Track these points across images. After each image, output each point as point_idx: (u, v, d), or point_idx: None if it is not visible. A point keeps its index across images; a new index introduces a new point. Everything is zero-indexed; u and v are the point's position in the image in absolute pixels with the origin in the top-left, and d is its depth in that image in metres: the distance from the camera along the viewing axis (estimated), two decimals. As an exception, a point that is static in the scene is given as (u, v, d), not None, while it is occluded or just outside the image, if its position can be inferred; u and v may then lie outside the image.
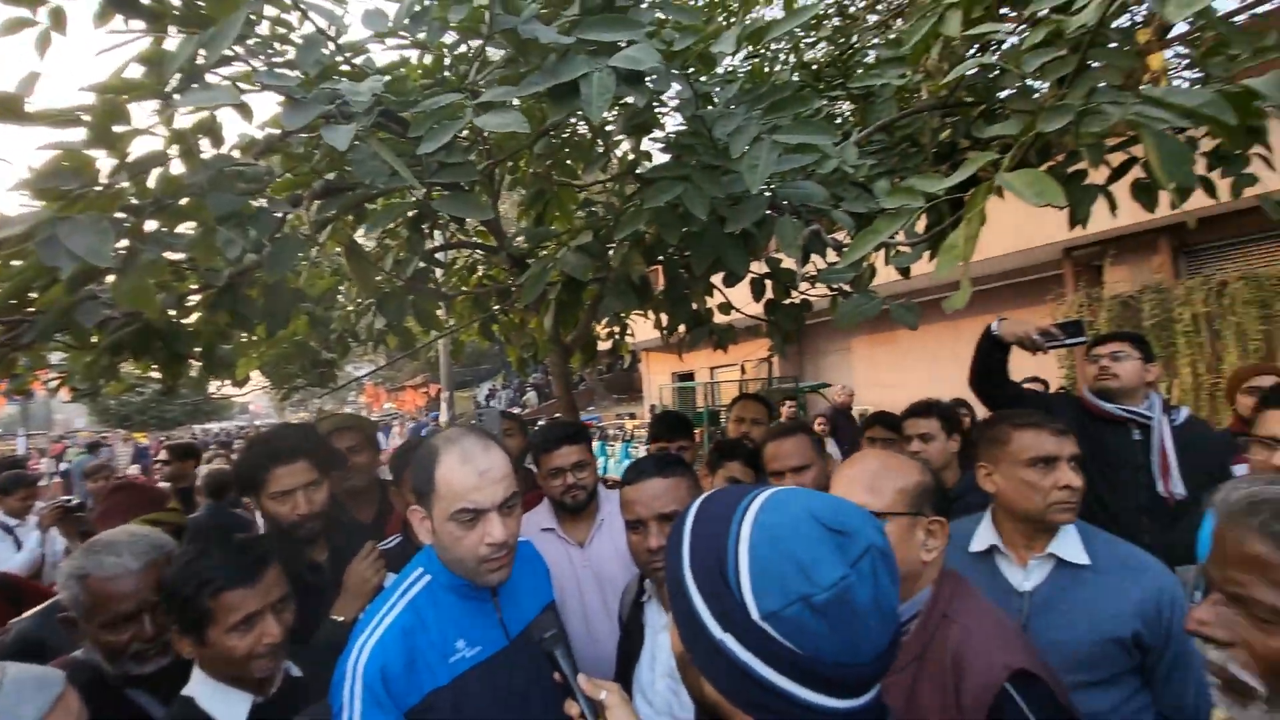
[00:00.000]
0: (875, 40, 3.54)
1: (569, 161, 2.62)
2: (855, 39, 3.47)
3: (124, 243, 1.18)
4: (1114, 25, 1.79)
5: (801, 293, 2.42)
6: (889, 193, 1.37)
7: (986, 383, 2.16)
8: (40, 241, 0.94)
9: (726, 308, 2.74)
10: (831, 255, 1.84)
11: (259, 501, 1.56)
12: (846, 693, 0.55)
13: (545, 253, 2.26)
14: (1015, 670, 0.92)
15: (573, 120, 2.61)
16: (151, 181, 1.18)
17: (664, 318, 2.76)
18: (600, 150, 2.06)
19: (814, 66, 2.83)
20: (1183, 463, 2.00)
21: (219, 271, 1.88)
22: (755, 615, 0.55)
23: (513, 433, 2.68)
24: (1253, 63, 1.59)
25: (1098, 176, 1.84)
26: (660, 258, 2.25)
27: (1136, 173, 1.82)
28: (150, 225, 1.21)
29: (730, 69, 2.66)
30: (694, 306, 2.20)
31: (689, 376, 13.94)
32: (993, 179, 1.09)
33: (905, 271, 2.24)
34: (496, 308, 3.20)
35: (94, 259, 0.94)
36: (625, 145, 2.60)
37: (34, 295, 1.48)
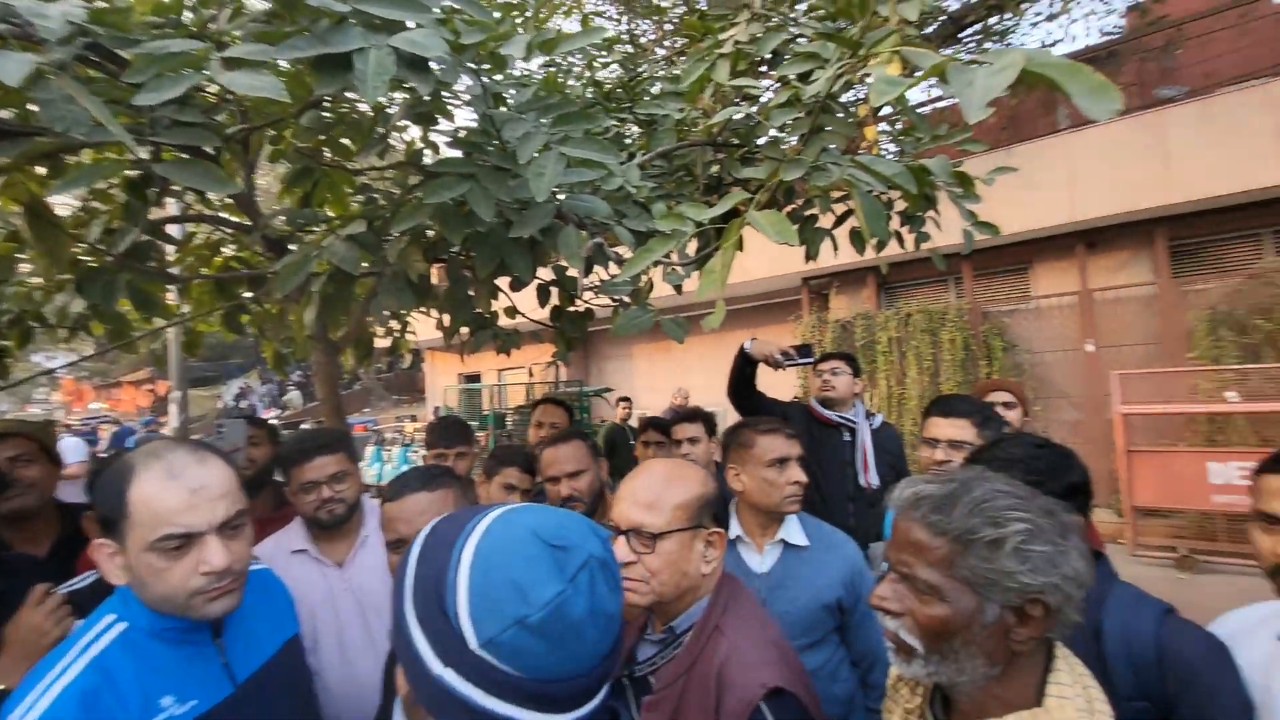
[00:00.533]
0: (661, 72, 3.81)
1: (344, 140, 2.39)
2: (644, 68, 3.70)
3: None
4: (843, 99, 2.17)
5: (585, 302, 2.50)
6: (663, 216, 1.49)
7: (739, 393, 2.48)
8: None
9: (512, 311, 2.73)
10: (614, 268, 1.94)
11: None
12: (570, 706, 0.56)
13: (311, 239, 2.03)
14: (770, 688, 0.94)
15: (351, 97, 2.39)
16: None
17: (446, 318, 2.65)
18: (380, 134, 1.91)
19: (605, 87, 2.95)
20: (877, 459, 2.49)
21: None
22: (473, 645, 0.54)
23: (259, 441, 2.34)
24: (932, 145, 2.04)
25: (826, 221, 2.21)
26: (444, 257, 2.16)
27: (852, 221, 2.24)
28: None
29: (526, 74, 2.66)
30: (477, 309, 2.14)
31: (475, 378, 13.54)
32: (744, 215, 1.24)
33: (678, 288, 2.44)
34: (247, 296, 2.78)
35: None
36: (412, 133, 2.45)
37: None
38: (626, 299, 2.69)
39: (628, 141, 2.83)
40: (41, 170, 1.85)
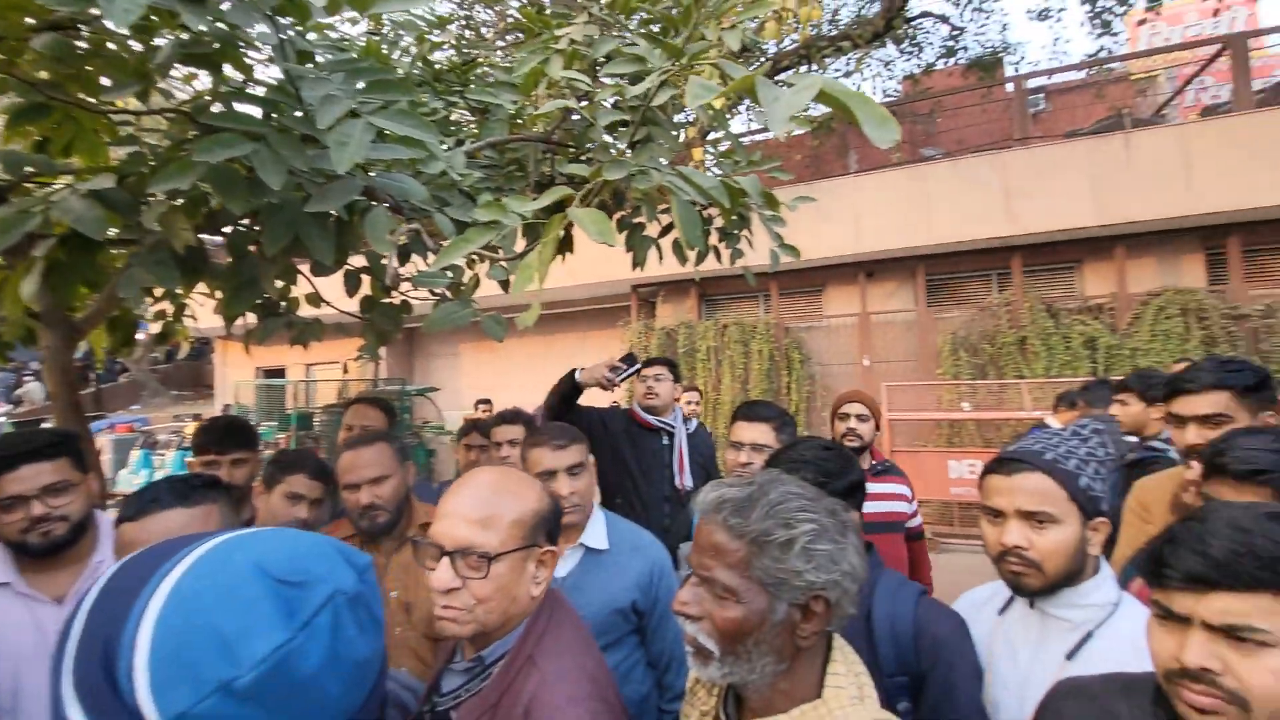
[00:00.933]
0: (498, 58, 3.68)
1: (105, 81, 1.96)
2: (479, 54, 3.54)
3: None
4: (673, 118, 2.25)
5: (402, 294, 2.31)
6: (484, 205, 1.40)
7: (558, 414, 2.49)
8: None
9: (315, 299, 2.43)
10: (433, 259, 1.81)
11: None
12: None
13: (43, 192, 1.62)
14: None
15: (118, 34, 1.97)
16: None
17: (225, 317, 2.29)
18: (143, 72, 1.58)
19: (437, 67, 2.77)
20: (691, 462, 2.61)
21: None
22: None
23: None
24: (748, 169, 2.19)
25: (653, 230, 2.27)
26: (225, 229, 1.86)
27: (677, 232, 2.32)
28: None
29: (346, 39, 2.41)
30: (265, 293, 1.86)
31: (279, 373, 12.06)
32: (566, 211, 1.21)
33: (505, 285, 2.35)
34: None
35: None
36: (199, 81, 2.09)
37: None
38: (447, 293, 2.54)
39: (456, 128, 2.68)
40: None
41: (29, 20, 1.75)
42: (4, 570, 1.34)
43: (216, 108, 1.91)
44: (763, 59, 9.28)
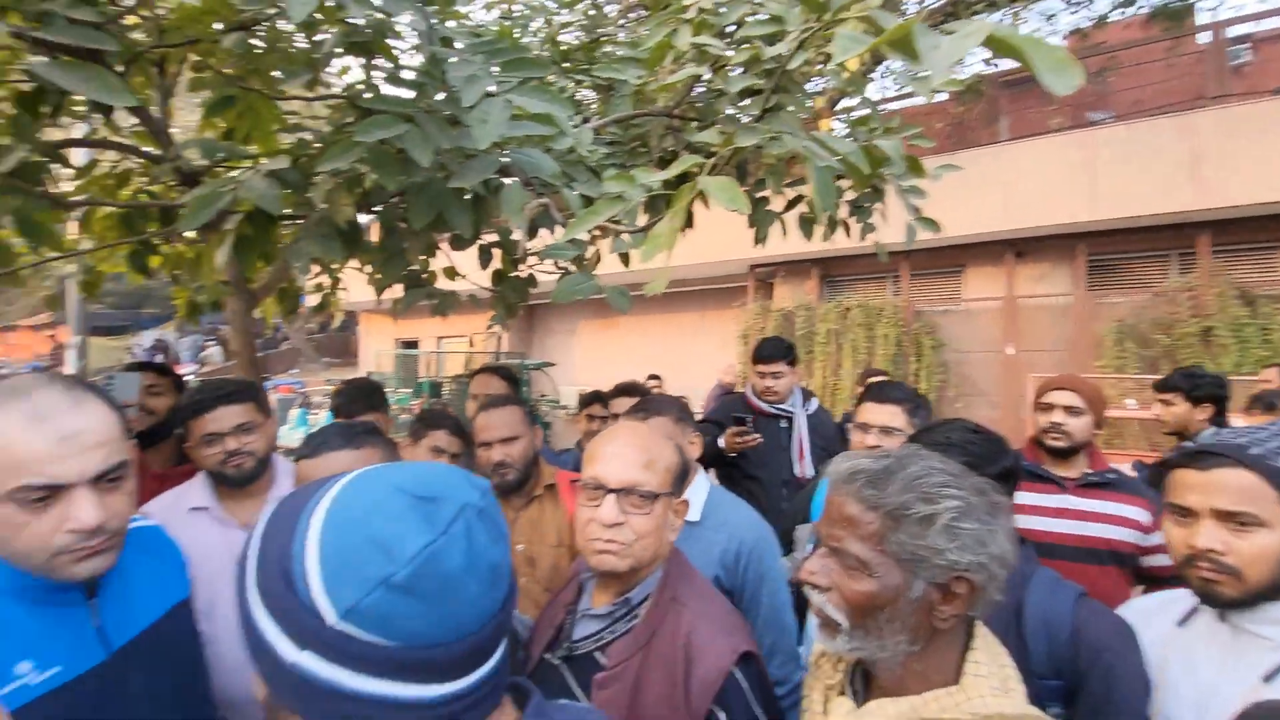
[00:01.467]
0: (622, 37, 3.71)
1: (276, 74, 2.20)
2: (606, 31, 3.58)
3: None
4: (804, 87, 2.16)
5: (529, 267, 2.42)
6: (612, 178, 1.43)
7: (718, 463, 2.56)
8: None
9: (451, 272, 2.61)
10: (560, 234, 1.87)
11: None
12: (457, 673, 0.50)
13: (232, 174, 1.86)
14: (741, 653, 0.94)
15: (286, 28, 2.20)
16: None
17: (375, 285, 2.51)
18: (316, 58, 1.76)
19: (563, 48, 2.84)
20: (811, 442, 2.53)
21: None
22: (332, 619, 0.47)
23: (161, 391, 2.16)
24: (884, 137, 2.05)
25: (777, 205, 2.21)
26: (378, 207, 2.03)
27: (802, 207, 2.25)
28: None
29: (480, 26, 2.52)
30: (411, 265, 2.03)
31: (413, 344, 13.10)
32: (696, 180, 1.20)
33: (625, 260, 2.38)
34: (155, 234, 2.55)
35: None
36: (353, 76, 2.28)
37: None
38: (571, 266, 2.62)
39: (582, 107, 2.74)
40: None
41: (217, 26, 1.99)
42: (206, 497, 1.57)
43: (370, 94, 2.10)
44: (904, 18, 8.63)
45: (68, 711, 0.85)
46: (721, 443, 2.50)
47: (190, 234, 2.88)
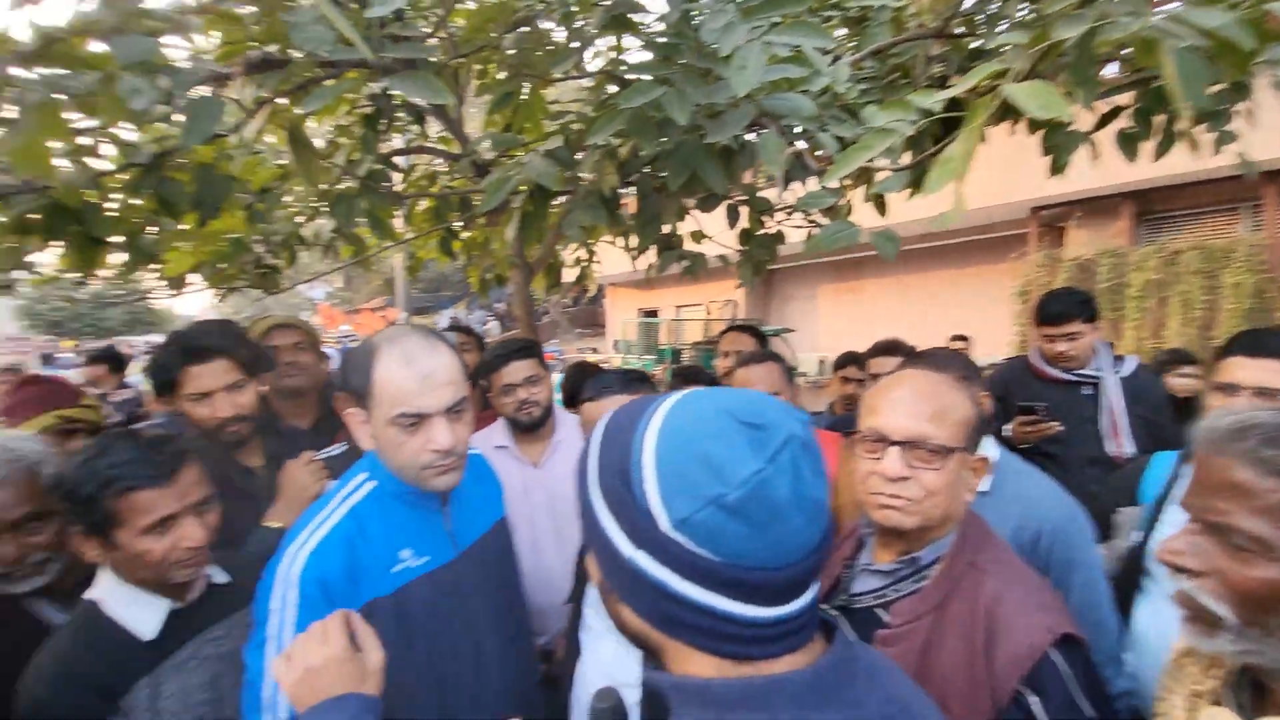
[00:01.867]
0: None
1: (540, 54, 2.42)
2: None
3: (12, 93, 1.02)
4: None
5: (777, 223, 2.34)
6: (883, 106, 1.28)
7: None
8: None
9: (698, 236, 2.65)
10: (813, 185, 1.77)
11: (178, 404, 1.44)
12: (773, 599, 0.51)
13: (512, 161, 2.11)
14: (1060, 634, 0.85)
15: (551, 26, 2.41)
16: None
17: (633, 241, 2.65)
18: (575, 47, 1.89)
19: (809, -17, 2.65)
20: (1130, 413, 2.05)
21: (139, 148, 1.68)
22: (665, 525, 0.50)
23: (469, 348, 2.58)
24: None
25: (1084, 124, 1.80)
26: (634, 176, 2.13)
27: (1120, 123, 1.81)
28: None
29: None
30: (665, 229, 2.10)
31: (653, 313, 13.88)
32: (994, 91, 1.01)
33: (881, 208, 2.18)
34: (457, 221, 3.03)
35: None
36: (602, 51, 2.42)
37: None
38: (821, 220, 2.47)
39: (833, 46, 2.54)
40: (295, 104, 2.11)
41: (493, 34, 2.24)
42: (506, 438, 1.84)
43: (625, 67, 2.20)
44: None
45: (432, 593, 1.06)
46: (1008, 431, 2.17)
47: (481, 220, 3.38)
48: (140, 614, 1.03)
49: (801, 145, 1.77)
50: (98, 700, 0.95)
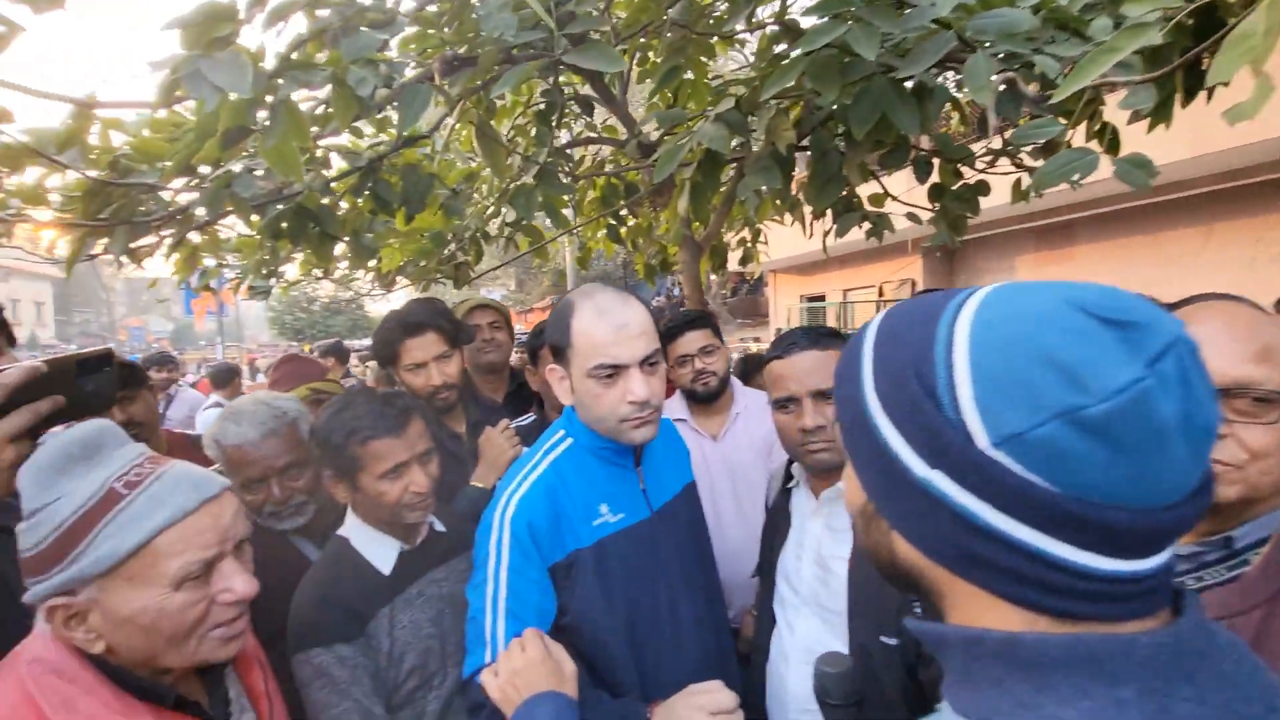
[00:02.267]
0: None
1: (707, 22, 2.38)
2: None
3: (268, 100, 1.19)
4: None
5: (978, 170, 2.07)
6: (1135, -2, 1.05)
7: None
8: (186, 76, 0.93)
9: (879, 199, 2.44)
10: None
11: (397, 374, 1.61)
12: (1128, 549, 0.38)
13: (682, 131, 2.09)
14: None
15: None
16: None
17: (801, 221, 2.51)
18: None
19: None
20: None
21: (359, 155, 1.90)
22: (983, 442, 0.39)
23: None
24: None
25: None
26: (808, 140, 2.00)
27: None
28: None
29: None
30: (845, 191, 1.94)
31: (819, 298, 13.29)
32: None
33: (1115, 145, 1.83)
34: (623, 207, 3.09)
35: (233, 88, 0.92)
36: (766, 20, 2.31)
37: (201, 172, 1.57)
38: (1030, 161, 2.15)
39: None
40: (480, 104, 2.28)
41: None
42: (683, 410, 1.84)
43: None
44: None
45: (630, 550, 1.07)
46: None
47: (646, 206, 3.43)
48: (379, 551, 1.16)
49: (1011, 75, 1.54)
50: (351, 622, 1.08)
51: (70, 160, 1.41)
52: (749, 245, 4.04)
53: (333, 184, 1.91)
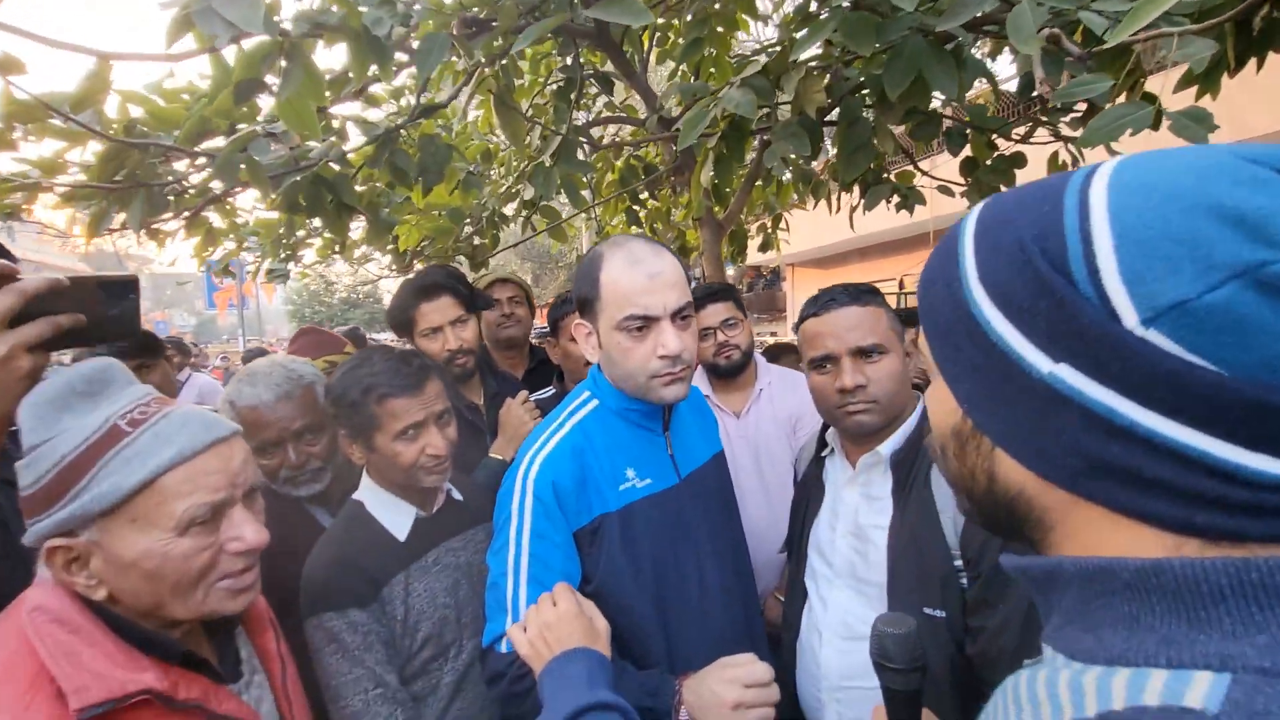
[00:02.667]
0: None
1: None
2: None
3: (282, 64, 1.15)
4: None
5: (1014, 139, 2.00)
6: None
7: None
8: (197, 11, 0.90)
9: (908, 177, 2.36)
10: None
11: (413, 342, 1.57)
12: None
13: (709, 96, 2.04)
14: None
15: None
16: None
17: (827, 200, 2.45)
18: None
19: None
20: None
21: (376, 125, 1.87)
22: (1131, 320, 0.32)
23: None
24: None
25: None
26: (835, 114, 1.93)
27: None
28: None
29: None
30: (874, 160, 1.87)
31: (835, 294, 13.13)
32: None
33: (1158, 120, 1.74)
34: (641, 186, 3.04)
35: (246, 24, 0.88)
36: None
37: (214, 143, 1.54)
38: (1069, 132, 2.06)
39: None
40: (498, 75, 2.23)
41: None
42: (705, 386, 1.77)
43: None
44: None
45: (657, 515, 1.02)
46: None
47: (665, 190, 3.37)
48: (394, 517, 1.12)
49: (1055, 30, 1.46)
50: (365, 586, 1.04)
51: (86, 120, 1.38)
52: (769, 232, 3.97)
53: (349, 155, 1.88)
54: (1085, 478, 0.36)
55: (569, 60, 2.53)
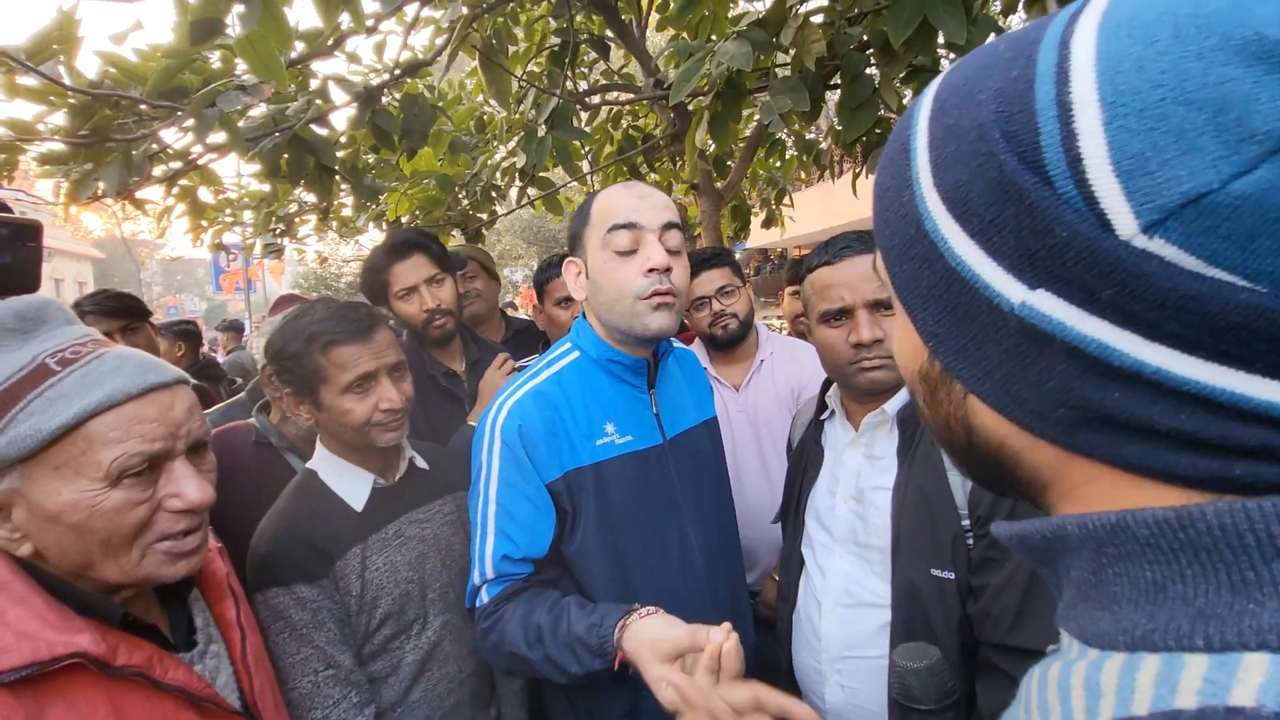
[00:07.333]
0: None
1: None
2: None
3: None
4: None
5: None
6: None
7: None
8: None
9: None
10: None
11: (389, 307, 1.51)
12: None
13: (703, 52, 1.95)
14: None
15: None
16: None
17: (831, 169, 2.36)
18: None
19: None
20: None
21: (356, 85, 1.79)
22: (1129, 227, 0.24)
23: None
24: None
25: None
26: (837, 80, 1.84)
27: None
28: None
29: None
30: (881, 109, 1.78)
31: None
32: None
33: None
34: (639, 154, 2.95)
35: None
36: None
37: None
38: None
39: None
40: (486, 33, 2.15)
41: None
42: (703, 358, 1.70)
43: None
44: None
45: (635, 475, 0.96)
46: None
47: (663, 161, 3.28)
48: (349, 485, 1.05)
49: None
50: (313, 560, 0.97)
51: (50, 72, 1.31)
52: (773, 207, 3.87)
53: (338, 125, 1.81)
54: (1081, 430, 0.28)
55: (564, 24, 2.44)
